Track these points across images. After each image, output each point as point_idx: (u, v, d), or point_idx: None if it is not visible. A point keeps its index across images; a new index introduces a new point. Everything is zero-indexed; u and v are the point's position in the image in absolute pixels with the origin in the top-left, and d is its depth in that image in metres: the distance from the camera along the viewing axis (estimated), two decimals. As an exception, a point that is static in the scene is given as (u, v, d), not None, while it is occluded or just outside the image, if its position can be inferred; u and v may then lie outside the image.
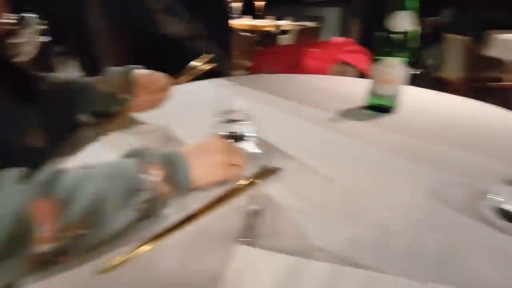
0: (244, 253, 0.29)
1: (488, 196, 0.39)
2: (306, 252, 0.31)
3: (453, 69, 2.55)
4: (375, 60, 0.70)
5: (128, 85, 0.58)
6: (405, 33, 0.65)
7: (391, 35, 0.66)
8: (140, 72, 0.60)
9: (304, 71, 1.29)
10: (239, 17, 4.22)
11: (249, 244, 0.31)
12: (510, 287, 0.29)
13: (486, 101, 0.80)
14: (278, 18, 3.95)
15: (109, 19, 1.39)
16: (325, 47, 1.42)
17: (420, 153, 0.54)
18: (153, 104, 0.61)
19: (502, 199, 0.37)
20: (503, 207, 0.36)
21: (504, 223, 0.35)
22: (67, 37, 1.94)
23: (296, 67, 1.31)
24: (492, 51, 2.48)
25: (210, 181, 0.40)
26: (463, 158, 0.52)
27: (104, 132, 0.61)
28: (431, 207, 0.39)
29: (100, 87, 0.59)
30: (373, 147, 0.56)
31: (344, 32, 3.93)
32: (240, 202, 0.38)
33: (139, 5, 1.42)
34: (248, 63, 2.03)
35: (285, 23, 3.60)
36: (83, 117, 0.62)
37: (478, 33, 2.87)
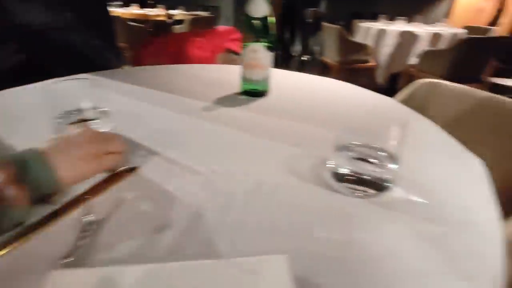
0: (55, 279, 0.25)
1: (326, 163, 0.44)
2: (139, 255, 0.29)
3: (331, 54, 2.91)
4: (243, 46, 0.71)
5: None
6: (263, 18, 0.68)
7: (252, 21, 0.68)
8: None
9: (190, 61, 1.25)
10: (125, 6, 3.83)
11: (68, 265, 0.27)
12: (338, 240, 0.32)
13: (359, 80, 0.92)
14: (170, 8, 3.76)
15: None
16: (210, 36, 1.41)
17: (283, 133, 0.58)
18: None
19: (334, 164, 0.41)
20: (335, 171, 0.41)
21: (336, 184, 0.40)
22: None
23: (181, 57, 1.25)
24: (358, 37, 2.94)
25: (81, 176, 0.35)
26: (316, 132, 0.58)
27: None
28: (283, 179, 0.42)
29: None
30: (243, 131, 0.57)
31: (238, 22, 4.01)
32: (74, 214, 0.33)
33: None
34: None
35: (177, 13, 3.45)
36: None
37: (347, 22, 3.35)
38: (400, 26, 2.93)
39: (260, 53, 0.71)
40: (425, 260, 0.30)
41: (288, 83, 0.89)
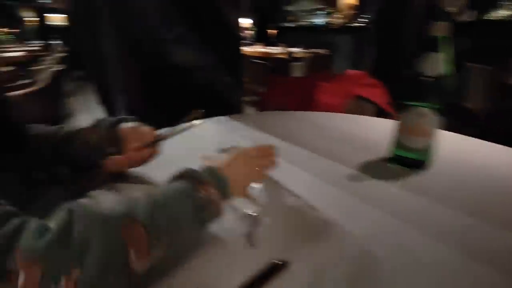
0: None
1: None
2: None
3: (476, 99, 2.41)
4: (402, 106, 0.59)
5: (115, 138, 0.54)
6: (439, 77, 0.55)
7: (424, 79, 0.56)
8: (128, 126, 0.56)
9: (317, 106, 1.20)
10: (252, 44, 4.26)
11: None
12: None
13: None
14: (291, 46, 3.97)
15: (122, 47, 1.37)
16: (339, 80, 1.33)
17: (447, 228, 0.42)
18: (139, 161, 0.56)
19: None
20: None
21: None
22: (84, 63, 1.96)
23: (308, 101, 1.22)
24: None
25: (244, 188, 0.45)
26: (497, 237, 0.39)
27: (79, 189, 0.52)
28: None
29: (86, 138, 0.55)
30: (390, 216, 0.45)
31: (356, 61, 3.87)
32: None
33: (150, 35, 1.40)
34: (259, 89, 1.97)
35: (297, 51, 3.59)
36: (60, 170, 0.55)
37: (501, 61, 2.73)
38: None
39: (427, 118, 0.57)
40: None
41: (454, 151, 0.70)
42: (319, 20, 4.92)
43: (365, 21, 4.01)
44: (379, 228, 0.42)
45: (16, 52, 3.65)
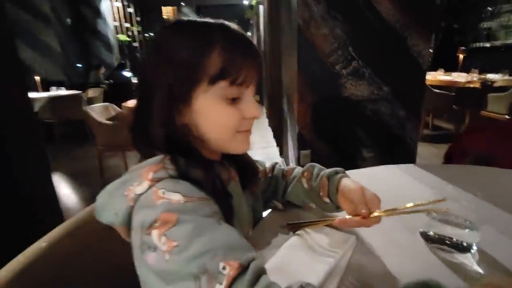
0: None
1: None
2: None
3: None
4: None
5: (335, 193, 0.55)
6: None
7: None
8: (351, 186, 0.51)
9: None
10: (429, 70, 3.74)
11: None
12: None
13: None
14: (485, 71, 3.19)
15: (299, 79, 1.52)
16: None
17: None
18: (357, 225, 0.49)
19: None
20: None
21: None
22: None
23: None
24: None
25: None
26: None
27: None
28: None
29: (303, 182, 0.60)
30: None
31: None
32: None
33: (326, 69, 1.48)
34: (442, 126, 1.66)
35: (497, 78, 2.84)
36: (276, 203, 0.66)
37: None
38: None
39: None
40: None
41: None
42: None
43: None
44: None
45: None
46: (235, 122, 0.42)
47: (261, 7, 4.23)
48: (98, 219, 0.37)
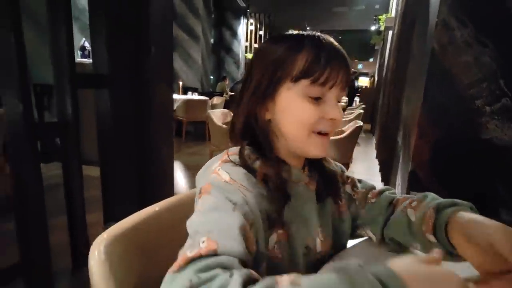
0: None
1: None
2: None
3: None
4: None
5: (442, 229, 0.42)
6: None
7: None
8: (477, 219, 0.39)
9: None
10: None
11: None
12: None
13: None
14: None
15: (423, 109, 1.33)
16: None
17: None
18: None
19: None
20: None
21: None
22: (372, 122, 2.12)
23: None
24: None
25: None
26: None
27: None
28: None
29: (410, 214, 0.48)
30: None
31: None
32: None
33: (462, 102, 1.25)
34: None
35: None
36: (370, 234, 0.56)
37: None
38: None
39: None
40: None
41: None
42: None
43: None
44: None
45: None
46: (312, 118, 0.43)
47: (390, 33, 4.00)
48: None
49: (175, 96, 4.26)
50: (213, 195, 0.38)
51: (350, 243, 0.56)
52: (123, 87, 1.29)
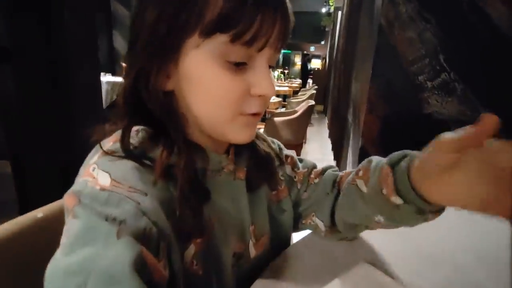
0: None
1: None
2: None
3: None
4: None
5: (407, 183, 0.33)
6: None
7: None
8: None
9: None
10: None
11: None
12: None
13: None
14: None
15: (372, 86, 1.35)
16: None
17: None
18: None
19: None
20: None
21: None
22: (324, 100, 2.15)
23: None
24: None
25: None
26: None
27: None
28: None
29: (360, 186, 0.39)
30: None
31: None
32: None
33: (406, 78, 1.29)
34: None
35: None
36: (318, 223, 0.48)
37: None
38: None
39: None
40: None
41: None
42: None
43: None
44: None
45: (283, 87, 4.79)
46: (236, 96, 0.30)
47: (339, 14, 4.07)
48: None
49: (118, 79, 3.87)
50: (80, 218, 0.24)
51: (295, 238, 0.48)
52: (31, 64, 1.05)
